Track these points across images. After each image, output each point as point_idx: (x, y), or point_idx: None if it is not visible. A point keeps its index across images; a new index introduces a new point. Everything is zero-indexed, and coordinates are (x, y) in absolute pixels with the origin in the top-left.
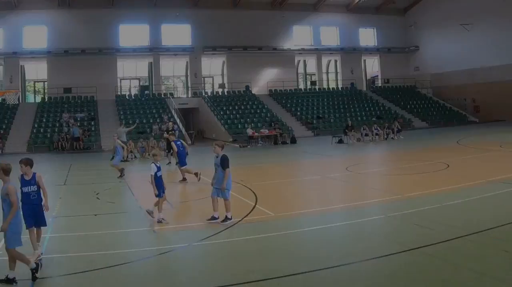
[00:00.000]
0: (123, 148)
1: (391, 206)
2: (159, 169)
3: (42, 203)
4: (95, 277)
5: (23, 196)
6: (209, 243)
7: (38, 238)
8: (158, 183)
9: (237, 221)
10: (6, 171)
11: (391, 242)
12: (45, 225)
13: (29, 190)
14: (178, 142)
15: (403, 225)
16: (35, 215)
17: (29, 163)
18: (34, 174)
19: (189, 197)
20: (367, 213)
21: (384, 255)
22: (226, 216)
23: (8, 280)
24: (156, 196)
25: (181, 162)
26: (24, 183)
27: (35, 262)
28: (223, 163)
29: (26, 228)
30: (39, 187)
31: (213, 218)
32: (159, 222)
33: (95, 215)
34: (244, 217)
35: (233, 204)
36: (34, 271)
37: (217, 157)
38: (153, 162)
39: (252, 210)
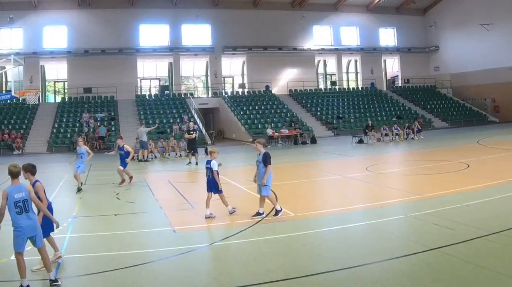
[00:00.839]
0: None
1: (411, 206)
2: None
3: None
4: (114, 277)
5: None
6: (229, 243)
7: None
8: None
9: (257, 221)
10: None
11: (411, 242)
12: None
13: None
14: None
15: (423, 225)
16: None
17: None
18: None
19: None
20: (387, 213)
21: (404, 255)
22: (257, 211)
23: (52, 282)
24: (218, 191)
25: (123, 163)
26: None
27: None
28: (265, 159)
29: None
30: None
31: (258, 214)
32: (207, 217)
33: (115, 215)
34: (264, 216)
35: (253, 204)
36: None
37: (259, 154)
38: (213, 159)
39: (272, 210)
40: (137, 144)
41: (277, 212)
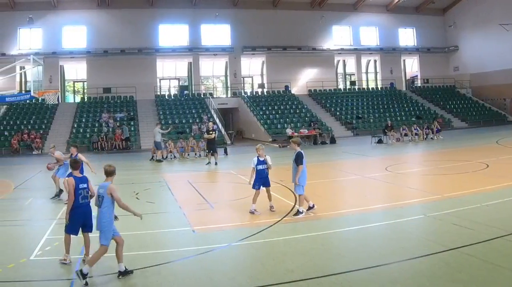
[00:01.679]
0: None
1: (430, 206)
2: (260, 162)
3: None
4: (134, 277)
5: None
6: (249, 243)
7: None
8: (257, 175)
9: (277, 221)
10: (110, 173)
11: (430, 242)
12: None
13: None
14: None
15: (443, 225)
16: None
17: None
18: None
19: (229, 197)
20: (406, 213)
21: (423, 255)
22: (298, 210)
23: (125, 272)
24: (253, 187)
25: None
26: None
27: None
28: (296, 159)
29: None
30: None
31: (298, 212)
32: (252, 213)
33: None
34: (284, 216)
35: (273, 203)
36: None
37: (294, 153)
38: (257, 156)
39: (291, 210)
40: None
41: (297, 213)
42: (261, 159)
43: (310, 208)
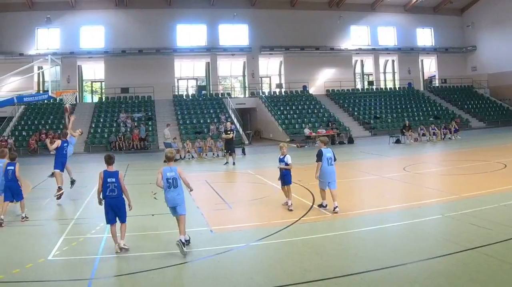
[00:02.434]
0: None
1: (448, 206)
2: (281, 160)
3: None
4: (152, 277)
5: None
6: (267, 243)
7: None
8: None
9: (294, 221)
10: (170, 158)
11: (448, 242)
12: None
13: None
14: (65, 143)
15: (461, 225)
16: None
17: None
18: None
19: (247, 197)
20: (424, 213)
21: (441, 255)
22: (321, 203)
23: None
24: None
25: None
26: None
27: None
28: (316, 155)
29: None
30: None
31: (321, 206)
32: (286, 204)
33: (153, 215)
34: (302, 217)
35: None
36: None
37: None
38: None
39: (309, 210)
40: (174, 143)
41: (321, 205)
42: (281, 156)
43: (321, 206)
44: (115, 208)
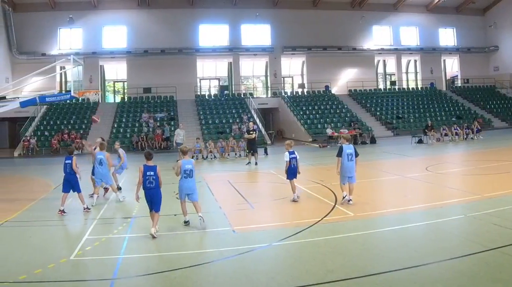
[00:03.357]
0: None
1: (470, 206)
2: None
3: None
4: (174, 277)
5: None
6: (289, 243)
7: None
8: (289, 168)
9: (317, 221)
10: (185, 152)
11: (470, 242)
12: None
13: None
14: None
15: (483, 225)
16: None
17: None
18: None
19: (269, 197)
20: (447, 213)
21: (464, 255)
22: (343, 195)
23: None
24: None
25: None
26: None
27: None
28: (337, 152)
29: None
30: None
31: (343, 198)
32: (294, 201)
33: (175, 215)
34: (324, 217)
35: (313, 204)
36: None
37: None
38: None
39: (331, 210)
40: (196, 143)
41: (343, 198)
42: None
43: (343, 197)
44: (152, 198)
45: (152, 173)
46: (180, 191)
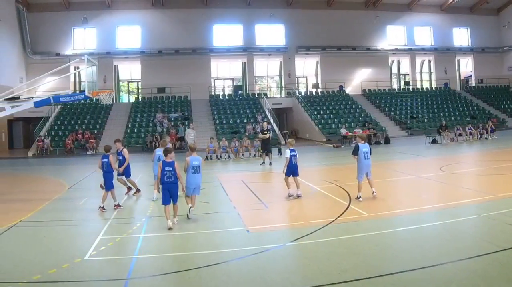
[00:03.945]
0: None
1: (484, 206)
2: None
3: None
4: (188, 277)
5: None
6: (303, 243)
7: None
8: (289, 165)
9: (331, 221)
10: (193, 149)
11: (484, 242)
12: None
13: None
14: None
15: (497, 225)
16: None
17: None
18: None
19: (283, 197)
20: (461, 213)
21: (478, 255)
22: (357, 196)
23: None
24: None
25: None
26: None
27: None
28: (353, 150)
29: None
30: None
31: (357, 198)
32: (295, 196)
33: (188, 216)
34: (338, 217)
35: (327, 203)
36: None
37: None
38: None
39: (345, 210)
40: (210, 143)
41: (357, 197)
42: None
43: (357, 198)
44: (171, 191)
45: (170, 168)
46: (189, 186)
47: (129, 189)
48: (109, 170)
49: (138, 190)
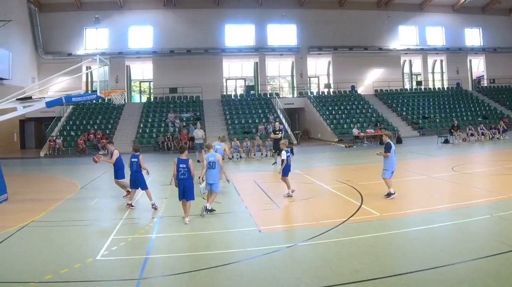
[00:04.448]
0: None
1: (496, 206)
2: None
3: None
4: (200, 277)
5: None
6: (315, 243)
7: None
8: (286, 166)
9: (343, 221)
10: (209, 147)
11: (496, 242)
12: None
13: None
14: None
15: (509, 225)
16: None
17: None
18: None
19: (295, 196)
20: (473, 213)
21: (490, 255)
22: (389, 192)
23: (211, 210)
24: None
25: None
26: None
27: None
28: (385, 147)
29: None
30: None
31: (390, 194)
32: (289, 196)
33: (201, 215)
34: (350, 217)
35: (339, 203)
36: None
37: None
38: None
39: (357, 210)
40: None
41: (389, 195)
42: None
43: (391, 194)
44: (185, 187)
45: (184, 166)
46: (206, 181)
47: (128, 192)
48: (138, 170)
49: (129, 192)
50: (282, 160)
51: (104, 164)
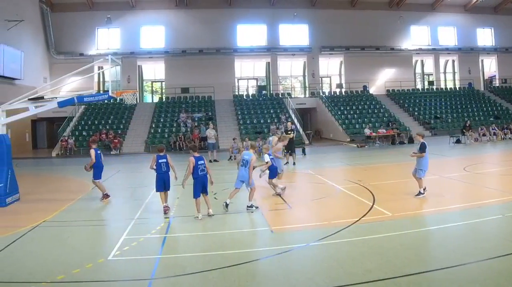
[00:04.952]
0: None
1: (508, 206)
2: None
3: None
4: (212, 277)
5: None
6: (327, 243)
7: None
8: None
9: (355, 221)
10: (253, 147)
11: (508, 242)
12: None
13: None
14: (98, 151)
15: None
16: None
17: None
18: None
19: (307, 197)
20: (484, 213)
21: (502, 255)
22: (419, 191)
23: (251, 206)
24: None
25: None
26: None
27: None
28: (421, 147)
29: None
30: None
31: (420, 193)
32: (280, 192)
33: (211, 215)
34: (362, 217)
35: (351, 203)
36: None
37: (417, 144)
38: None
39: (369, 210)
40: (234, 143)
41: (419, 193)
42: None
43: (420, 193)
44: (205, 182)
45: (202, 162)
46: (237, 178)
47: (106, 196)
48: (168, 170)
49: (106, 195)
50: (267, 162)
51: (116, 164)
